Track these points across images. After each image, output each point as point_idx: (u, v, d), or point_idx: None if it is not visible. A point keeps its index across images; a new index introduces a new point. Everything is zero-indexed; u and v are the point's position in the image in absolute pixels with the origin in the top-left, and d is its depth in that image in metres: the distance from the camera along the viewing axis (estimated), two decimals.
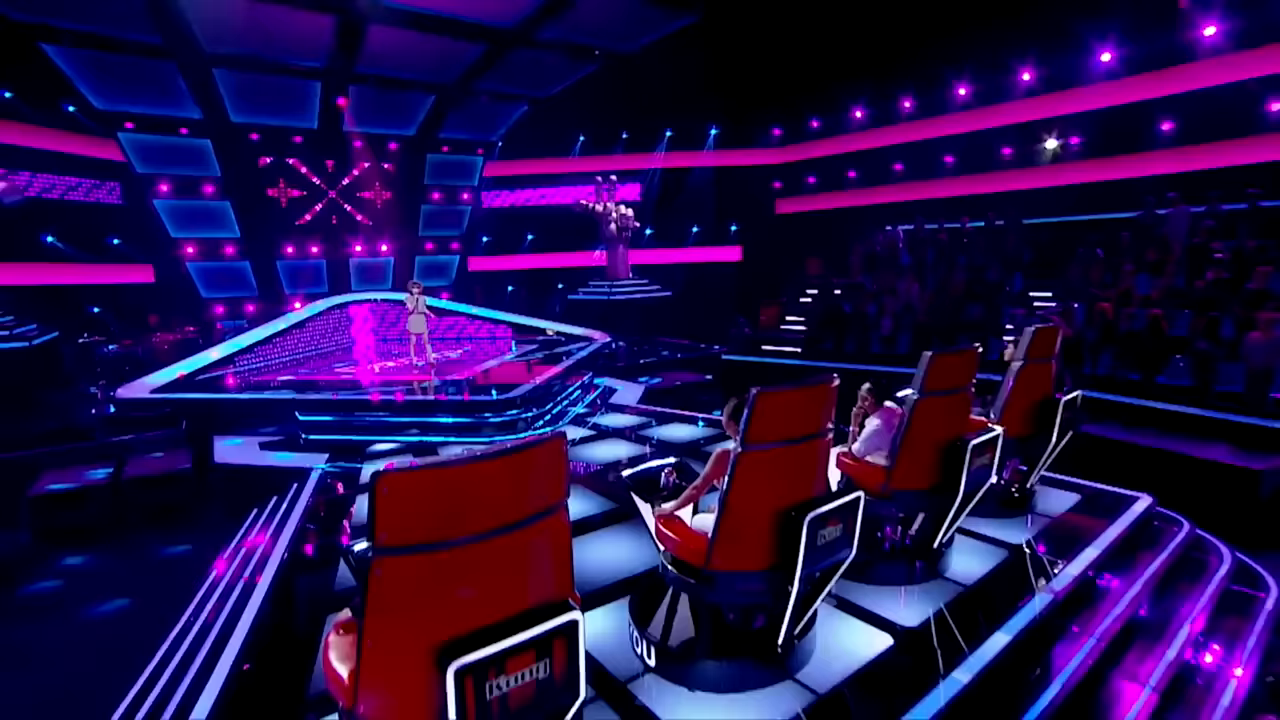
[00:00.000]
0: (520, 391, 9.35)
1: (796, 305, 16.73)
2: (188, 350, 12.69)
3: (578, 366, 12.25)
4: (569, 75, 18.73)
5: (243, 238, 17.56)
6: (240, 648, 4.48)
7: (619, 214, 18.99)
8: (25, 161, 14.66)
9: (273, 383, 11.49)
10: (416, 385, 10.73)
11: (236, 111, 16.75)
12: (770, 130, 20.48)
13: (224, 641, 4.60)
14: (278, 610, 5.14)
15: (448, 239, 21.34)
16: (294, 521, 6.75)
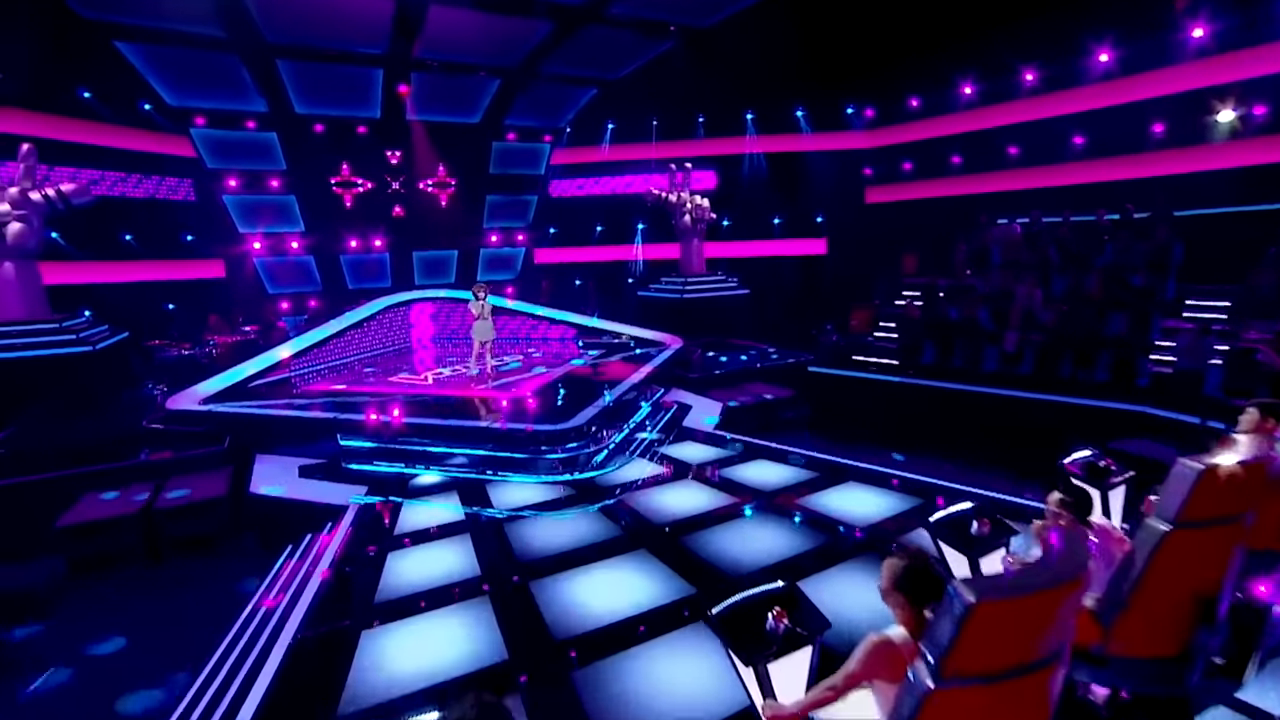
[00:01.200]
0: (580, 420, 8.13)
1: (891, 308, 14.83)
2: (246, 353, 12.18)
3: (648, 380, 10.95)
4: (641, 54, 17.28)
5: (307, 231, 17.13)
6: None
7: (694, 204, 17.47)
8: (104, 161, 14.56)
9: (322, 393, 10.77)
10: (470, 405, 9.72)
11: (301, 103, 16.21)
12: (862, 111, 18.38)
13: None
14: None
15: (513, 230, 20.41)
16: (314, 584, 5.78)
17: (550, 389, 10.63)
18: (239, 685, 4.44)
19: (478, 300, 11.05)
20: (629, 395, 9.91)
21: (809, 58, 16.82)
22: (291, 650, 4.73)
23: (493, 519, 6.90)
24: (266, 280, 16.88)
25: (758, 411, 11.84)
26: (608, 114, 19.59)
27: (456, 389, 10.63)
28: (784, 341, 15.78)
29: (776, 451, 8.72)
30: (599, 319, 15.08)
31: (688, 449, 9.10)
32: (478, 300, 11.05)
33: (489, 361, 11.48)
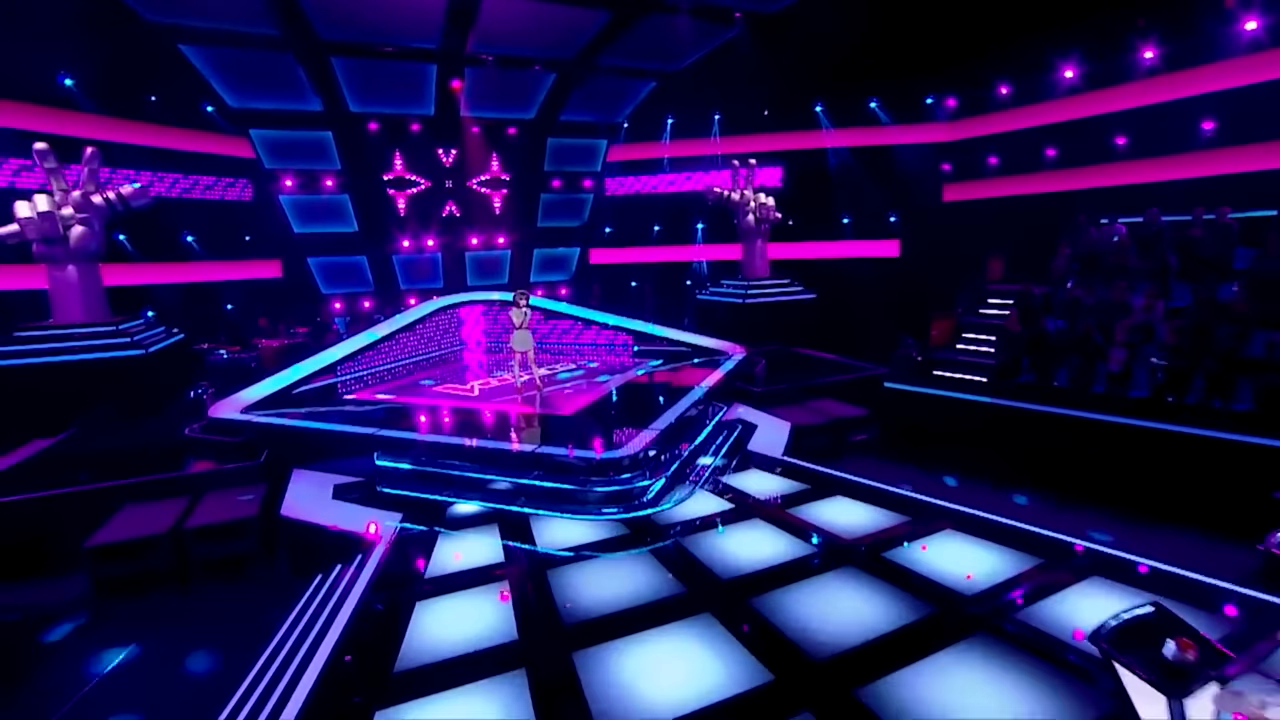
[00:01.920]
0: (635, 447, 7.25)
1: (975, 318, 13.37)
2: (291, 358, 11.82)
3: (709, 397, 10.00)
4: (703, 44, 16.27)
5: (360, 231, 16.86)
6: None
7: (758, 203, 16.35)
8: (167, 163, 14.62)
9: (363, 404, 10.27)
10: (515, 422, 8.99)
11: (355, 101, 15.92)
12: (943, 100, 16.84)
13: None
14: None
15: (568, 229, 19.73)
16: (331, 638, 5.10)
17: (602, 404, 9.80)
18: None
19: (519, 308, 10.33)
20: (690, 412, 8.97)
21: (886, 44, 15.43)
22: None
23: (535, 559, 6.10)
24: (321, 281, 16.70)
25: (829, 432, 10.72)
26: (667, 108, 18.67)
27: (502, 403, 9.92)
28: (854, 352, 14.52)
29: (856, 487, 7.64)
30: (655, 324, 14.16)
31: (754, 479, 8.10)
32: (519, 308, 10.33)
33: (536, 371, 10.74)
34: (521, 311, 10.29)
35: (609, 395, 10.38)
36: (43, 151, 10.71)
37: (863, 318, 16.73)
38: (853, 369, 13.40)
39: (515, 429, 8.75)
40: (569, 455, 7.12)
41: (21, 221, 10.62)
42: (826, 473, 8.20)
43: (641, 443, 7.40)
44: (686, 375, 11.78)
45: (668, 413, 8.63)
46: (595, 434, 8.36)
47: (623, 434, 8.00)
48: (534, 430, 8.63)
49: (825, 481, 7.93)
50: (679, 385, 11.13)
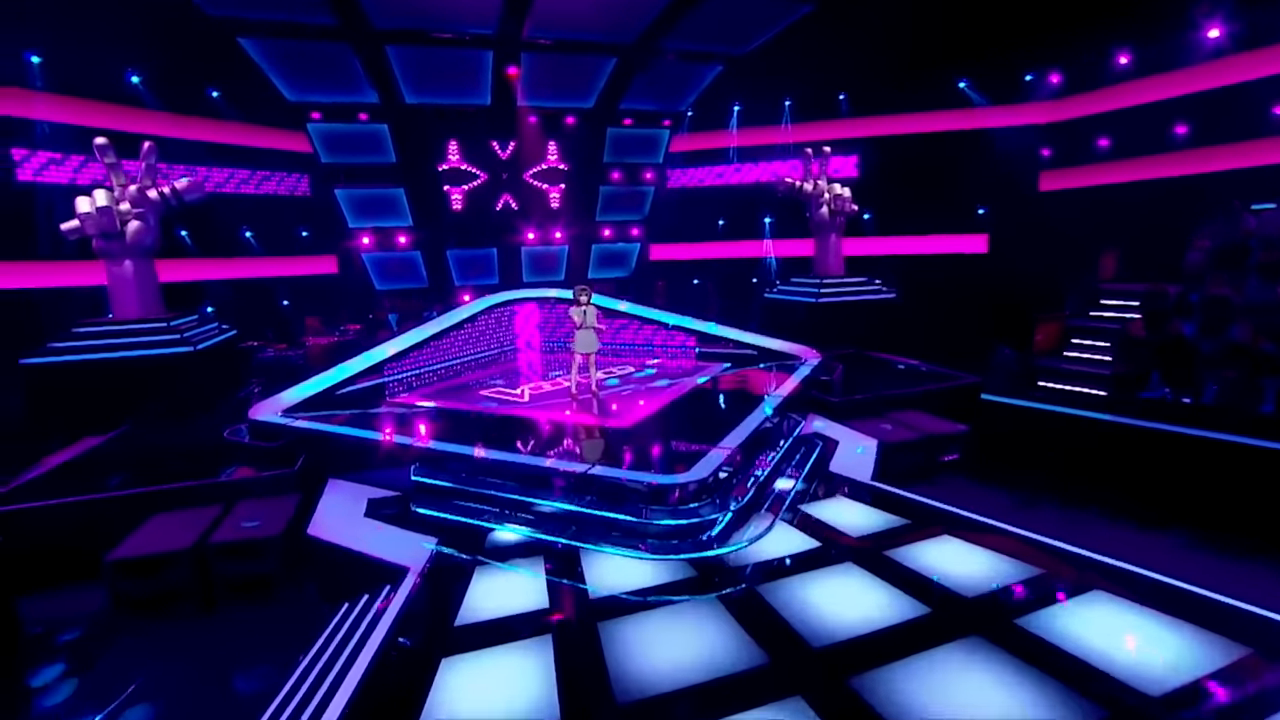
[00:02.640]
0: (700, 473, 6.17)
1: (1087, 322, 11.68)
2: (341, 356, 11.29)
3: (784, 407, 8.81)
4: (774, 23, 14.97)
5: (415, 226, 16.38)
6: None
7: (832, 194, 14.96)
8: (226, 158, 14.48)
9: (406, 408, 9.58)
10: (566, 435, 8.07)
11: (411, 92, 15.40)
12: (1044, 77, 14.99)
13: None
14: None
15: (627, 224, 18.79)
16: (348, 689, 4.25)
17: (664, 415, 8.76)
18: None
19: (579, 305, 9.40)
20: (765, 425, 7.82)
21: (979, 16, 13.78)
22: None
23: (583, 604, 5.12)
24: (375, 277, 16.31)
25: (920, 451, 9.36)
26: (734, 94, 17.46)
27: (554, 412, 9.01)
28: (939, 358, 12.98)
29: (969, 524, 6.33)
30: (720, 325, 13.02)
31: (842, 510, 6.89)
32: (579, 305, 9.40)
33: (594, 375, 9.80)
34: (581, 309, 9.37)
35: (672, 404, 9.32)
36: (102, 146, 10.49)
37: (948, 320, 15.13)
38: (940, 377, 11.88)
39: (566, 443, 7.83)
40: (628, 479, 6.11)
41: (81, 217, 10.44)
42: (929, 504, 6.91)
43: (711, 465, 6.32)
44: (756, 381, 10.63)
45: (739, 427, 7.51)
46: (657, 451, 7.34)
47: (688, 452, 6.94)
48: (587, 445, 7.68)
49: (928, 515, 6.65)
50: (748, 393, 10.01)
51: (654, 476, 6.18)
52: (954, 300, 15.93)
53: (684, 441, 7.51)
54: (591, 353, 9.70)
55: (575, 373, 9.72)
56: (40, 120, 12.02)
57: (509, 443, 7.85)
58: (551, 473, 6.52)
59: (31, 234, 12.50)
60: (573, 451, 7.49)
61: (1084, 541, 5.87)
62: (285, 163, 15.32)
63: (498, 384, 10.89)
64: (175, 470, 8.02)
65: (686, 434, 7.79)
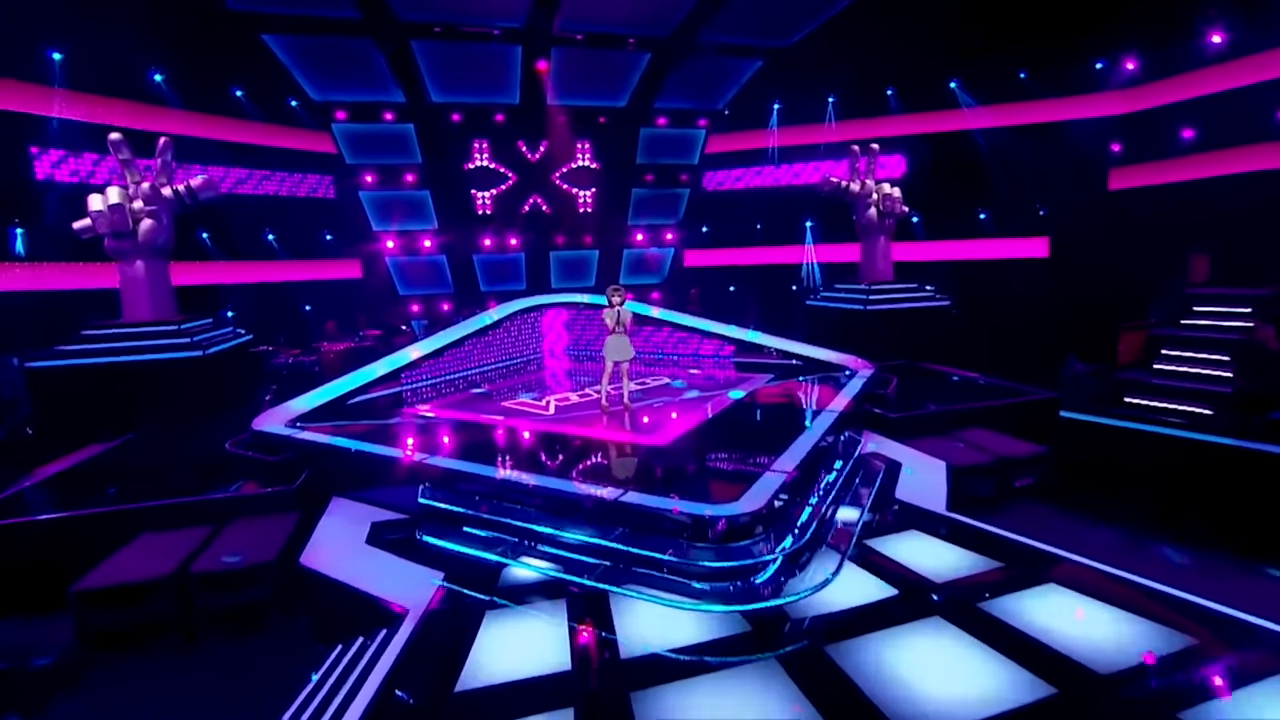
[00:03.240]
0: (754, 503, 5.16)
1: (1179, 330, 10.36)
2: (357, 362, 10.59)
3: (840, 424, 7.76)
4: (818, 13, 14.01)
5: (440, 229, 15.73)
6: None
7: (881, 194, 13.85)
8: (249, 158, 14.03)
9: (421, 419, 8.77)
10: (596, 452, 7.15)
11: (437, 90, 14.80)
12: (1117, 63, 13.68)
13: None
14: None
15: (661, 228, 17.91)
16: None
17: (706, 431, 7.79)
18: None
19: (612, 308, 8.49)
20: (821, 445, 6.79)
21: None
22: None
23: (614, 671, 4.15)
24: (398, 281, 15.68)
25: (993, 475, 8.20)
26: (774, 92, 16.50)
27: (582, 426, 8.10)
28: (998, 370, 11.75)
29: (1077, 570, 5.20)
30: (762, 333, 12.02)
31: (916, 547, 5.82)
32: (612, 308, 8.49)
33: (627, 386, 8.87)
34: (614, 312, 8.46)
35: (713, 419, 8.34)
36: (117, 142, 9.98)
37: (1006, 330, 13.86)
38: (1007, 392, 10.66)
39: (594, 463, 6.90)
40: (672, 511, 5.15)
41: (93, 215, 9.91)
42: (1023, 543, 5.79)
43: (765, 492, 5.32)
44: (804, 394, 9.59)
45: (793, 447, 6.50)
46: (699, 474, 6.36)
47: (736, 476, 5.97)
48: (619, 466, 6.74)
49: (1024, 556, 5.55)
50: (797, 407, 8.98)
51: (698, 506, 5.20)
52: (1012, 308, 14.63)
53: (731, 463, 6.53)
54: (625, 361, 8.78)
55: (606, 382, 8.80)
56: (59, 117, 11.64)
57: (530, 461, 6.97)
58: (577, 498, 5.58)
59: (49, 233, 12.12)
60: (602, 473, 6.56)
61: (1227, 597, 4.73)
62: (309, 164, 14.84)
63: (521, 394, 10.03)
64: (174, 484, 7.33)
65: (733, 454, 6.80)
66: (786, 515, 5.44)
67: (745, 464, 6.35)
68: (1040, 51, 14.04)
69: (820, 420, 7.68)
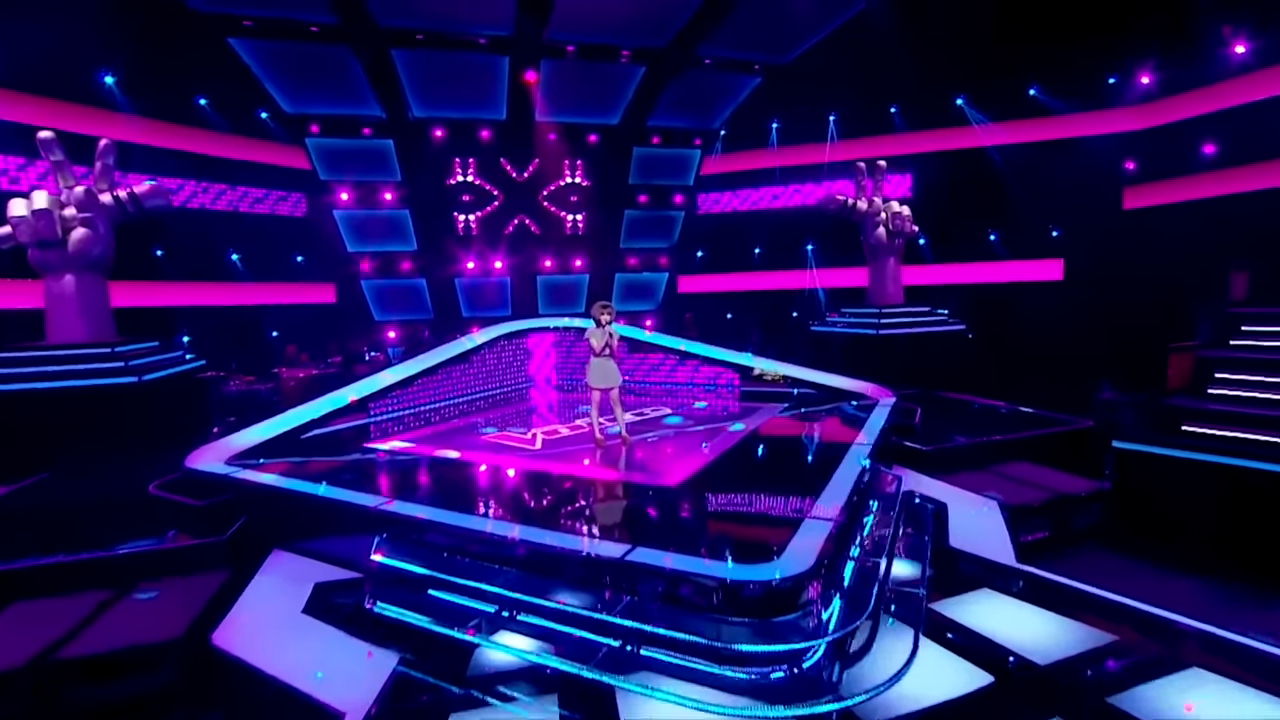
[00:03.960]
0: (798, 566, 3.94)
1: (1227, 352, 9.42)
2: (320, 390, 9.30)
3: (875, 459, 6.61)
4: (822, 25, 13.37)
5: (420, 251, 14.61)
6: None
7: (890, 213, 13.01)
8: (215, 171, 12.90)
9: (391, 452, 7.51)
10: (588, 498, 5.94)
11: (419, 105, 13.87)
12: (1131, 76, 13.08)
13: None
14: None
15: (654, 252, 16.97)
16: None
17: (720, 469, 6.61)
18: None
19: (600, 328, 7.37)
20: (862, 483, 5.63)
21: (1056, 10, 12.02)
22: None
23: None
24: (374, 306, 14.47)
25: (1049, 514, 7.11)
26: (772, 110, 15.79)
27: (573, 464, 6.89)
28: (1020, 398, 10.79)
29: (1223, 645, 4.04)
30: (772, 360, 10.96)
31: (996, 611, 4.64)
32: (600, 328, 7.37)
33: (621, 417, 7.67)
34: (603, 332, 7.33)
35: (728, 454, 7.17)
36: (47, 142, 8.78)
37: (1024, 355, 12.96)
38: (1039, 421, 9.64)
39: (591, 510, 5.68)
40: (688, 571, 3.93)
41: (14, 221, 8.62)
42: (1137, 608, 4.61)
43: (811, 546, 4.12)
44: (826, 426, 8.46)
45: (831, 487, 5.34)
46: (722, 523, 5.17)
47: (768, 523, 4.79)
48: (622, 514, 5.53)
49: (1139, 623, 4.37)
50: (822, 440, 7.84)
51: (727, 568, 3.99)
52: (1028, 333, 13.74)
53: (759, 508, 5.35)
54: (613, 388, 7.61)
55: (596, 413, 7.60)
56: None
57: (513, 507, 5.74)
58: (572, 556, 4.35)
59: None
60: (602, 523, 5.34)
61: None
62: (280, 179, 13.74)
63: (506, 426, 8.81)
64: (82, 534, 5.98)
65: (759, 497, 5.61)
66: (838, 575, 4.25)
67: (777, 509, 5.18)
68: (1051, 66, 13.46)
69: (854, 455, 6.53)
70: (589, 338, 7.41)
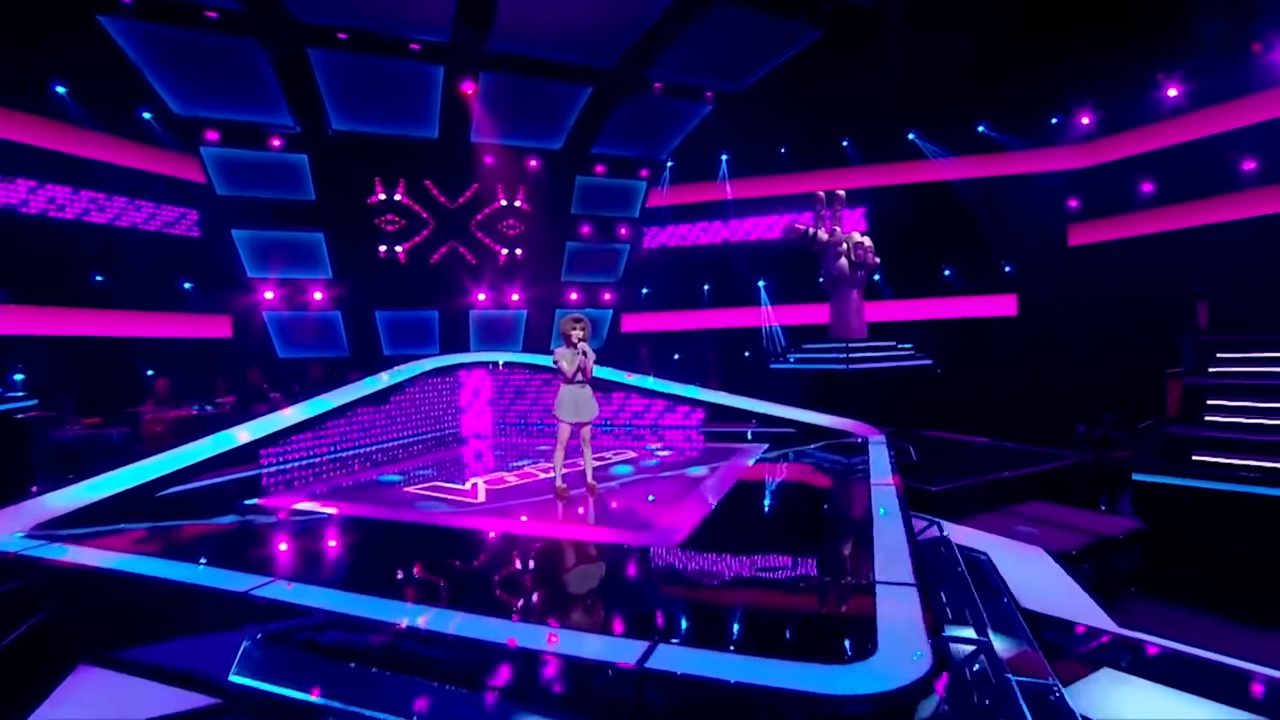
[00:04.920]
0: (918, 670, 2.51)
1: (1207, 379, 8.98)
2: (189, 435, 7.21)
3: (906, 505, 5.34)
4: (775, 54, 12.86)
5: (336, 279, 12.68)
6: None
7: (852, 243, 12.32)
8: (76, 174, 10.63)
9: (286, 513, 5.61)
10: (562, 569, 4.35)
11: (339, 116, 12.23)
12: (1072, 116, 13.19)
13: None
14: None
15: (597, 287, 15.69)
16: None
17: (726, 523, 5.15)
18: None
19: (572, 347, 5.87)
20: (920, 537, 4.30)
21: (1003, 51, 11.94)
22: None
23: None
24: (278, 341, 12.31)
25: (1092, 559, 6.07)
26: (722, 141, 15.13)
27: (535, 522, 5.28)
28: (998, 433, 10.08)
29: None
30: (752, 398, 9.76)
31: (1135, 699, 3.34)
32: (572, 347, 5.87)
33: (589, 462, 6.12)
34: (575, 353, 5.84)
35: (725, 503, 5.72)
36: None
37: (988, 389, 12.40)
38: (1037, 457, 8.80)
39: (574, 589, 4.07)
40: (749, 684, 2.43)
41: None
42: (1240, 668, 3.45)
43: (914, 632, 2.71)
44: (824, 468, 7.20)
45: (884, 545, 4.00)
46: (765, 598, 3.69)
47: (827, 595, 3.36)
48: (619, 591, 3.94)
49: None
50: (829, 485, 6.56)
51: (811, 675, 2.51)
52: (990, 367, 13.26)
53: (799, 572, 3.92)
54: (588, 423, 6.09)
55: (561, 455, 6.02)
56: None
57: (454, 586, 4.07)
58: (553, 665, 2.74)
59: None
60: (593, 608, 3.74)
61: None
62: (166, 192, 11.59)
63: (438, 476, 7.03)
64: None
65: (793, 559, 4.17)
66: (966, 680, 2.84)
67: (827, 575, 3.77)
68: (997, 103, 13.45)
69: (881, 498, 5.26)
70: (558, 360, 5.89)
